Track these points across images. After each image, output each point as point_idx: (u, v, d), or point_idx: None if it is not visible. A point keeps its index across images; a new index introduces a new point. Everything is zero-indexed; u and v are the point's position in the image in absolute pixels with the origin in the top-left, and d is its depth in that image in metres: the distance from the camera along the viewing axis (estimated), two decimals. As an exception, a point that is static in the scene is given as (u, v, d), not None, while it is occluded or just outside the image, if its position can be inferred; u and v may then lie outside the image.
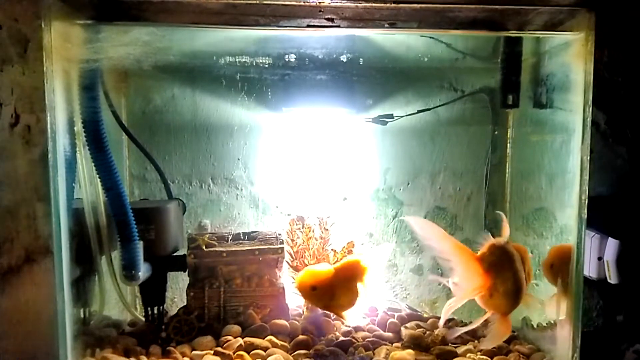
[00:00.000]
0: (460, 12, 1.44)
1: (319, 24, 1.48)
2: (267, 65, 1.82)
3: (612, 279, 1.60)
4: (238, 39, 1.72)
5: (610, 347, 1.67)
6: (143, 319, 1.73)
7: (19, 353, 1.38)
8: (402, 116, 1.95)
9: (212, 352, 1.52)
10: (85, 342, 1.49)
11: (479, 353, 1.57)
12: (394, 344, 1.62)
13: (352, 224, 2.02)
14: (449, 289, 2.03)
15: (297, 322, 1.67)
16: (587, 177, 1.41)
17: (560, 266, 1.52)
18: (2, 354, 1.34)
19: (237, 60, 1.80)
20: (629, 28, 1.69)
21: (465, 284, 1.41)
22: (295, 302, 1.78)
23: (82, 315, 1.60)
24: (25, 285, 1.40)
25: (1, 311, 1.33)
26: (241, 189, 2.00)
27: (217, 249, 1.68)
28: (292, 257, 1.74)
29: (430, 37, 1.84)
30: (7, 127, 1.36)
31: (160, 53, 1.64)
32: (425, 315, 1.88)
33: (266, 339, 1.58)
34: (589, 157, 1.41)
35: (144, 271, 1.59)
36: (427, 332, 1.68)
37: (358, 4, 1.38)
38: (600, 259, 1.61)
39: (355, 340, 1.60)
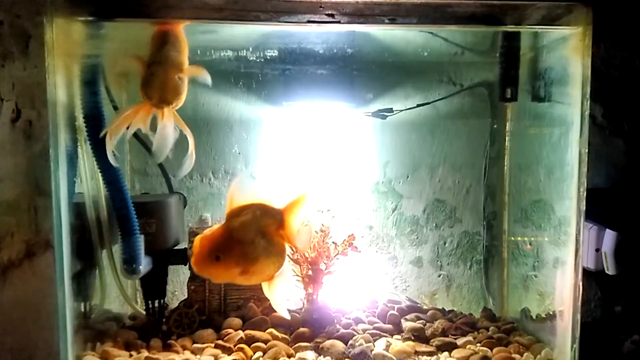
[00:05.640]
0: (460, 7, 1.44)
1: (319, 20, 1.49)
2: (267, 60, 1.83)
3: (610, 270, 1.62)
4: (238, 34, 1.72)
5: (608, 337, 1.68)
6: (144, 312, 1.73)
7: (20, 347, 1.38)
8: (401, 110, 1.96)
9: (213, 345, 1.53)
10: (86, 336, 1.50)
11: (478, 344, 1.59)
12: (394, 336, 1.63)
13: (352, 217, 2.03)
14: (449, 281, 2.06)
15: (297, 315, 1.68)
16: (585, 170, 1.42)
17: None
18: (2, 348, 1.34)
19: (237, 55, 1.80)
20: (626, 23, 1.70)
21: None
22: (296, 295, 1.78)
23: (82, 309, 1.60)
24: (26, 279, 1.40)
25: (1, 305, 1.33)
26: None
27: (217, 242, 1.69)
28: (292, 249, 1.74)
29: (430, 33, 1.84)
30: (9, 122, 1.36)
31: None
32: (425, 307, 1.88)
33: (267, 331, 1.59)
34: (586, 150, 1.42)
35: (144, 265, 1.59)
36: (427, 324, 1.70)
37: (358, 0, 1.38)
38: (598, 250, 1.63)
39: (355, 333, 1.61)
